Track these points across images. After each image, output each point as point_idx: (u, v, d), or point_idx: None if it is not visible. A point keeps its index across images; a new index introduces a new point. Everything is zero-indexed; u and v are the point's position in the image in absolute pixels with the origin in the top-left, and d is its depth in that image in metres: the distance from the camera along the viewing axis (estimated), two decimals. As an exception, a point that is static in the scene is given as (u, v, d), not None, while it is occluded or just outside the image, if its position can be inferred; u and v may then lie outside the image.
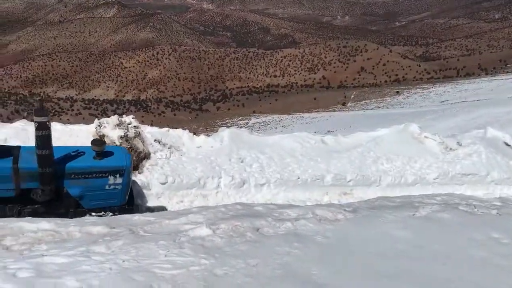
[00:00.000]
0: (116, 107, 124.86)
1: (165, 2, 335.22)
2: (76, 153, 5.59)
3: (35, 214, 5.22)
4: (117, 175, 5.57)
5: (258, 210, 5.19)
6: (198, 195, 8.14)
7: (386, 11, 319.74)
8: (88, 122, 11.78)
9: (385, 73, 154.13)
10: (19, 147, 5.56)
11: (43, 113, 4.95)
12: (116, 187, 5.63)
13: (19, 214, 5.26)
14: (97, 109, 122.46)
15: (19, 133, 8.66)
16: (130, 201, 6.03)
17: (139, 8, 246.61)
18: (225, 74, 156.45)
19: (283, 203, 6.56)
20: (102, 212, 5.57)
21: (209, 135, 9.85)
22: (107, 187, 5.58)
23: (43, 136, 4.96)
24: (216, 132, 10.12)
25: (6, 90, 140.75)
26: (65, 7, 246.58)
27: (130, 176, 5.79)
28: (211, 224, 4.48)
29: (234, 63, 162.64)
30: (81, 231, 4.31)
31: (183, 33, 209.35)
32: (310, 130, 21.59)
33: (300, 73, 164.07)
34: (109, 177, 5.54)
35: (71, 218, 4.96)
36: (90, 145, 5.64)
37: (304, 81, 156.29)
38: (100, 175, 5.51)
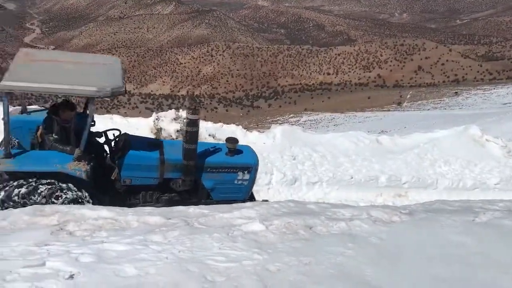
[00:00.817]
0: (171, 101, 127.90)
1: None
2: (213, 149, 6.08)
3: (170, 202, 5.75)
4: (246, 172, 6.01)
5: (311, 208, 5.16)
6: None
7: (447, 8, 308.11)
8: (144, 115, 12.20)
9: (444, 73, 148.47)
10: (161, 141, 6.30)
11: (195, 112, 5.33)
12: (243, 182, 6.08)
13: (157, 201, 5.80)
14: (153, 103, 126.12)
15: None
16: (251, 197, 6.47)
17: (195, 5, 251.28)
18: (278, 71, 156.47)
19: (336, 203, 6.48)
20: None
21: (262, 132, 9.91)
22: (235, 181, 6.04)
23: (193, 132, 5.36)
24: (269, 129, 10.17)
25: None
26: (125, 3, 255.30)
27: (256, 173, 6.19)
28: (264, 220, 4.51)
29: (287, 60, 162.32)
30: (138, 221, 4.46)
31: (237, 30, 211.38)
32: (363, 130, 21.18)
33: (355, 71, 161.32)
34: (239, 172, 5.99)
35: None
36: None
37: (358, 79, 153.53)
38: (231, 170, 5.97)
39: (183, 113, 9.08)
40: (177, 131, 8.61)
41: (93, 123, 5.63)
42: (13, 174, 5.05)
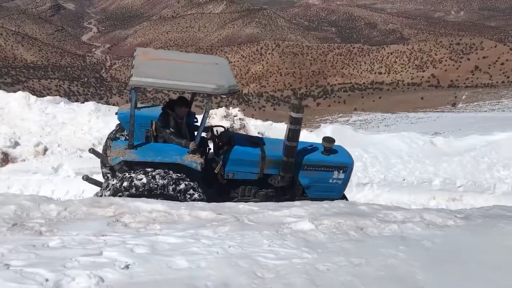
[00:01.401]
0: (219, 99, 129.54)
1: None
2: (310, 147, 6.22)
3: (266, 197, 6.01)
4: (341, 171, 6.11)
5: (362, 209, 5.08)
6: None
7: (508, 5, 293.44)
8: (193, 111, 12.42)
9: (503, 73, 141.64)
10: (262, 138, 6.63)
11: (299, 110, 5.52)
12: (338, 181, 6.16)
13: (255, 196, 6.07)
14: (202, 101, 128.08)
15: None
16: (343, 197, 6.50)
17: (246, 3, 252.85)
18: (327, 70, 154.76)
19: (388, 205, 6.34)
20: None
21: (311, 131, 9.85)
22: (330, 180, 6.14)
23: (295, 130, 5.54)
24: (318, 128, 10.08)
25: (122, 81, 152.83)
26: (178, 3, 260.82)
27: (351, 173, 6.25)
28: (313, 219, 4.48)
29: (337, 58, 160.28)
30: (190, 215, 4.55)
31: (287, 28, 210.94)
32: (416, 131, 20.60)
33: (407, 70, 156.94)
34: (334, 171, 6.09)
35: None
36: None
37: (411, 79, 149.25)
38: (327, 169, 6.08)
39: (233, 111, 9.18)
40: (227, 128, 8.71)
41: (195, 119, 6.20)
42: (132, 164, 5.44)
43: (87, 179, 5.94)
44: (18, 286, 2.84)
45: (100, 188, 5.59)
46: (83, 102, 11.31)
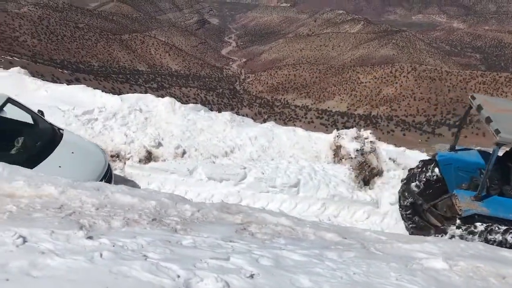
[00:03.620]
0: (346, 119, 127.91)
1: (412, 19, 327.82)
2: None
3: None
4: None
5: (504, 255, 4.55)
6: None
7: None
8: (317, 130, 12.39)
9: None
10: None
11: None
12: None
13: None
14: (328, 120, 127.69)
15: (267, 133, 9.64)
16: None
17: (384, 24, 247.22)
18: (467, 99, 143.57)
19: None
20: None
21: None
22: None
23: None
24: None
25: (253, 94, 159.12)
26: (315, 21, 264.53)
27: None
28: (448, 259, 4.13)
29: (479, 87, 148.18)
30: (315, 234, 4.50)
31: (426, 52, 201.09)
32: None
33: None
34: None
35: None
36: None
37: None
38: None
39: (364, 133, 8.95)
40: (357, 150, 8.50)
41: None
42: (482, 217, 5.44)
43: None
44: (154, 277, 3.05)
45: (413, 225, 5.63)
46: (219, 111, 11.98)
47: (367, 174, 8.24)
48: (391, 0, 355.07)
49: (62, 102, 9.78)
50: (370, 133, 8.90)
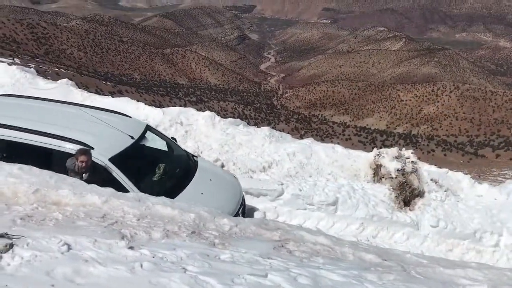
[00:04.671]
0: (385, 138, 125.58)
1: (456, 37, 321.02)
2: None
3: None
4: None
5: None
6: (471, 249, 7.39)
7: None
8: (355, 148, 12.19)
9: None
10: None
11: None
12: None
13: None
14: (366, 137, 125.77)
15: (305, 149, 9.59)
16: None
17: (426, 42, 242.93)
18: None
19: None
20: None
21: (494, 185, 8.85)
22: None
23: None
24: (498, 182, 8.99)
25: (291, 109, 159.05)
26: (355, 38, 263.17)
27: None
28: (493, 287, 3.96)
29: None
30: (354, 254, 4.42)
31: (469, 70, 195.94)
32: None
33: None
34: None
35: None
36: None
37: None
38: None
39: (405, 153, 8.76)
40: (398, 170, 8.32)
41: None
42: None
43: None
44: (192, 291, 3.07)
45: None
46: (256, 126, 12.02)
47: (407, 195, 8.05)
48: (434, 17, 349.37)
49: (106, 114, 10.08)
50: (412, 153, 8.70)
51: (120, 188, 5.72)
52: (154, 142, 7.05)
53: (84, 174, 5.73)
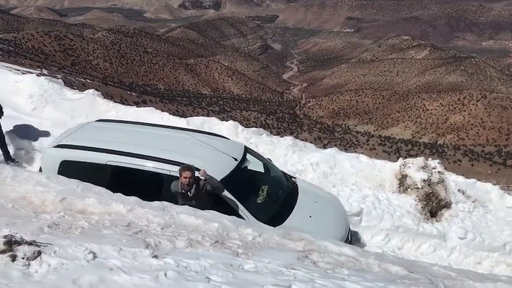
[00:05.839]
0: (410, 147, 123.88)
1: (482, 45, 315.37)
2: None
3: None
4: None
5: None
6: (501, 262, 7.18)
7: None
8: (380, 158, 12.01)
9: None
10: None
11: None
12: None
13: None
14: (391, 147, 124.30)
15: (329, 159, 9.52)
16: None
17: (452, 51, 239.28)
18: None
19: None
20: None
21: (523, 196, 8.60)
22: None
23: None
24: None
25: (314, 119, 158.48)
26: (379, 47, 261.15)
27: None
28: (525, 302, 3.83)
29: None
30: (379, 266, 4.34)
31: (497, 79, 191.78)
32: None
33: None
34: None
35: None
36: None
37: None
38: None
39: (432, 163, 8.60)
40: (424, 180, 8.17)
41: None
42: None
43: None
44: (216, 301, 3.06)
45: None
46: (279, 135, 12.01)
47: (434, 206, 7.89)
48: (460, 25, 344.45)
49: (131, 123, 10.22)
50: (438, 163, 8.54)
51: (230, 211, 5.63)
52: (252, 163, 6.88)
53: (189, 192, 5.66)
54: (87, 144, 6.26)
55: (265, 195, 6.28)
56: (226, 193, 5.76)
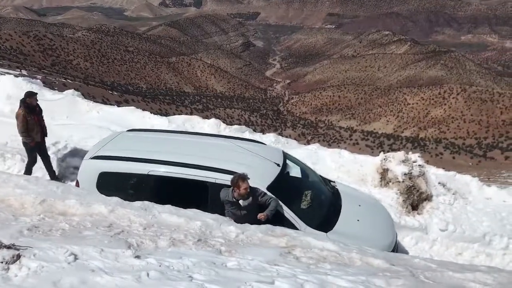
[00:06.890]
0: (392, 142, 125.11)
1: (461, 39, 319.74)
2: None
3: None
4: None
5: None
6: (481, 253, 7.32)
7: None
8: (363, 152, 12.12)
9: None
10: None
11: None
12: None
13: None
14: (373, 142, 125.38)
15: (312, 155, 9.57)
16: None
17: (432, 45, 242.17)
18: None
19: None
20: None
21: (502, 188, 8.78)
22: None
23: None
24: (509, 184, 8.91)
25: (297, 115, 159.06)
26: (360, 43, 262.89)
27: None
28: (504, 291, 3.91)
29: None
30: (361, 260, 4.39)
31: (476, 72, 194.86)
32: None
33: None
34: None
35: None
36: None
37: None
38: None
39: (412, 156, 8.71)
40: (405, 174, 8.27)
41: None
42: None
43: None
44: (199, 299, 3.06)
45: None
46: (263, 132, 12.04)
47: (415, 199, 8.00)
48: (439, 20, 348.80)
49: (112, 124, 10.14)
50: (419, 156, 8.66)
51: (281, 219, 5.48)
52: (291, 168, 6.71)
53: (242, 201, 5.48)
54: (125, 154, 6.10)
55: (309, 200, 6.10)
56: (279, 202, 5.60)
